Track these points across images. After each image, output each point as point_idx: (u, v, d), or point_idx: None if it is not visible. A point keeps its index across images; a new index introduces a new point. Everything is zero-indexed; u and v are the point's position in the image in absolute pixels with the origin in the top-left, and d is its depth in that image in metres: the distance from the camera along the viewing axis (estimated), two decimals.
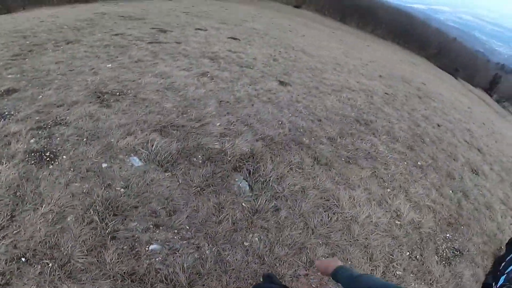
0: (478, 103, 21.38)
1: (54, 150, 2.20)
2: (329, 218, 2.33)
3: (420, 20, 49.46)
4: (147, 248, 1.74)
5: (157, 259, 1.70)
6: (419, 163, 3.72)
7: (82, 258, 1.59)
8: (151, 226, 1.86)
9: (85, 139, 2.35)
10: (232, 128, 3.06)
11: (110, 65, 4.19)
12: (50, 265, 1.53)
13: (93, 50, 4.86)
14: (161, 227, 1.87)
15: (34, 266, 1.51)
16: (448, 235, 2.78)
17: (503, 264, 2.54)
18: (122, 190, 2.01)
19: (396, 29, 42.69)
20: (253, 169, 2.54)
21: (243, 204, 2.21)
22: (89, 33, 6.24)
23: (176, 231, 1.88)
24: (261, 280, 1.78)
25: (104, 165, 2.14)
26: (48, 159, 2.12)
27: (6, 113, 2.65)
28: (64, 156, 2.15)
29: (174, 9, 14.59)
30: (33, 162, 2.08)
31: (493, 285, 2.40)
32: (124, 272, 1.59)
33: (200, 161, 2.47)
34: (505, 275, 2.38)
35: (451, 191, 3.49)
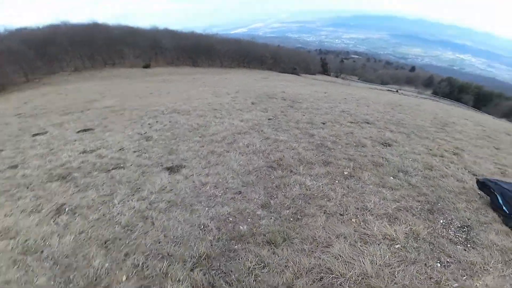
0: (327, 85, 27.36)
1: None
2: None
3: (248, 41, 60.60)
4: None
5: None
6: (345, 172, 3.62)
7: None
8: None
9: None
10: (146, 273, 2.00)
11: None
12: None
13: None
14: None
15: None
16: (441, 221, 2.63)
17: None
18: None
19: (235, 55, 50.52)
20: None
21: None
22: None
23: None
24: None
25: None
26: None
27: None
28: None
29: (2, 114, 10.85)
30: None
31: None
32: None
33: None
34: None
35: (392, 178, 3.42)
